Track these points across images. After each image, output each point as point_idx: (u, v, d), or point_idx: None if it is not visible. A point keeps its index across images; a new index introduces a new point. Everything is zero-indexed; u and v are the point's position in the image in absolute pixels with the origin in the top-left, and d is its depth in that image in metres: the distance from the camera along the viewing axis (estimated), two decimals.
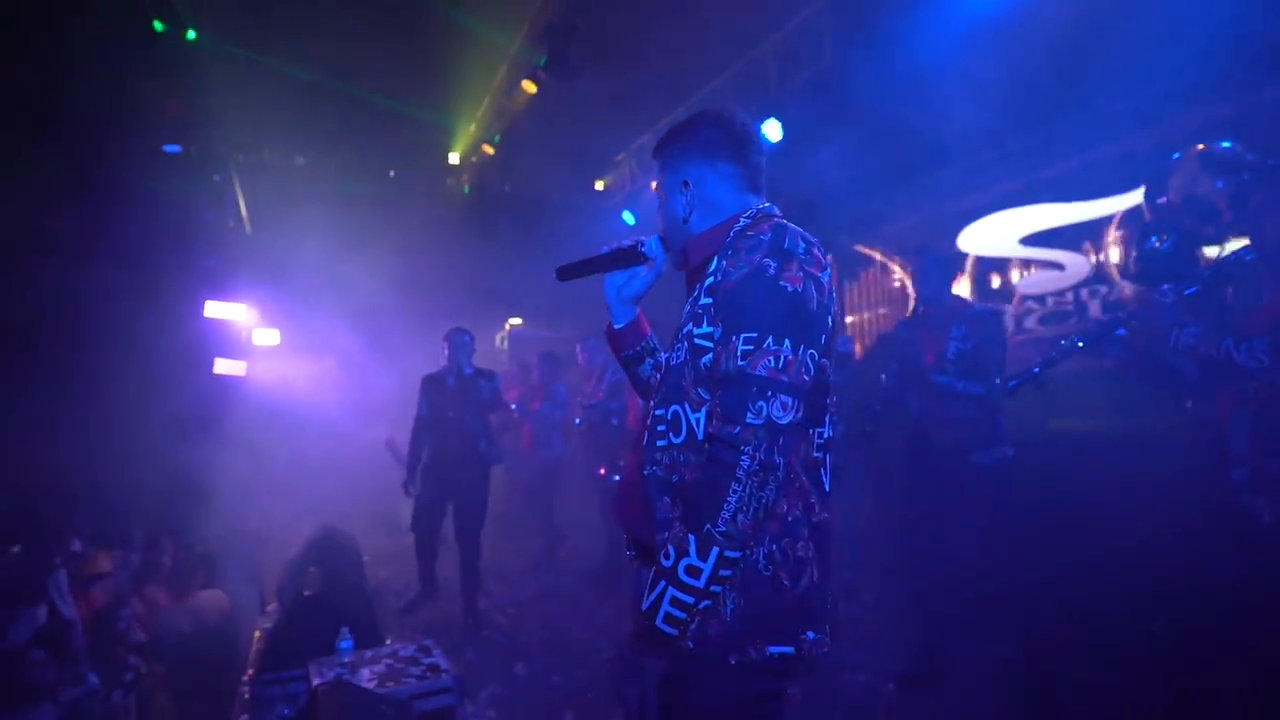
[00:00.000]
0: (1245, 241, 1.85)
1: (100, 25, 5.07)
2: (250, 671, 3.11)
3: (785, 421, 1.00)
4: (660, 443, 1.13)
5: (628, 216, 9.14)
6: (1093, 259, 6.29)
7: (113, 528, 5.13)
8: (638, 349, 1.39)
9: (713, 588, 0.99)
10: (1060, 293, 6.51)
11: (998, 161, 7.11)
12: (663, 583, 1.00)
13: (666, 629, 1.00)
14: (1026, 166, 6.90)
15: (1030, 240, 6.97)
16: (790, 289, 1.04)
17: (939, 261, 2.98)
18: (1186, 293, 1.89)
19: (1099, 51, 5.61)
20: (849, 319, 9.16)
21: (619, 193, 9.32)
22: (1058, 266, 6.65)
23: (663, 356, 1.25)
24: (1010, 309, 7.18)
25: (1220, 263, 1.91)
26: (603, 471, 4.69)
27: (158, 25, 5.29)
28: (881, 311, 8.79)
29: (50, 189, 5.83)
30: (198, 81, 6.22)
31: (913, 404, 2.91)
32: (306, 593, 3.24)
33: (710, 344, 1.08)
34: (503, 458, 4.37)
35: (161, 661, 3.74)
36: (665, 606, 0.99)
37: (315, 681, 2.34)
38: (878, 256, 8.90)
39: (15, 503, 5.71)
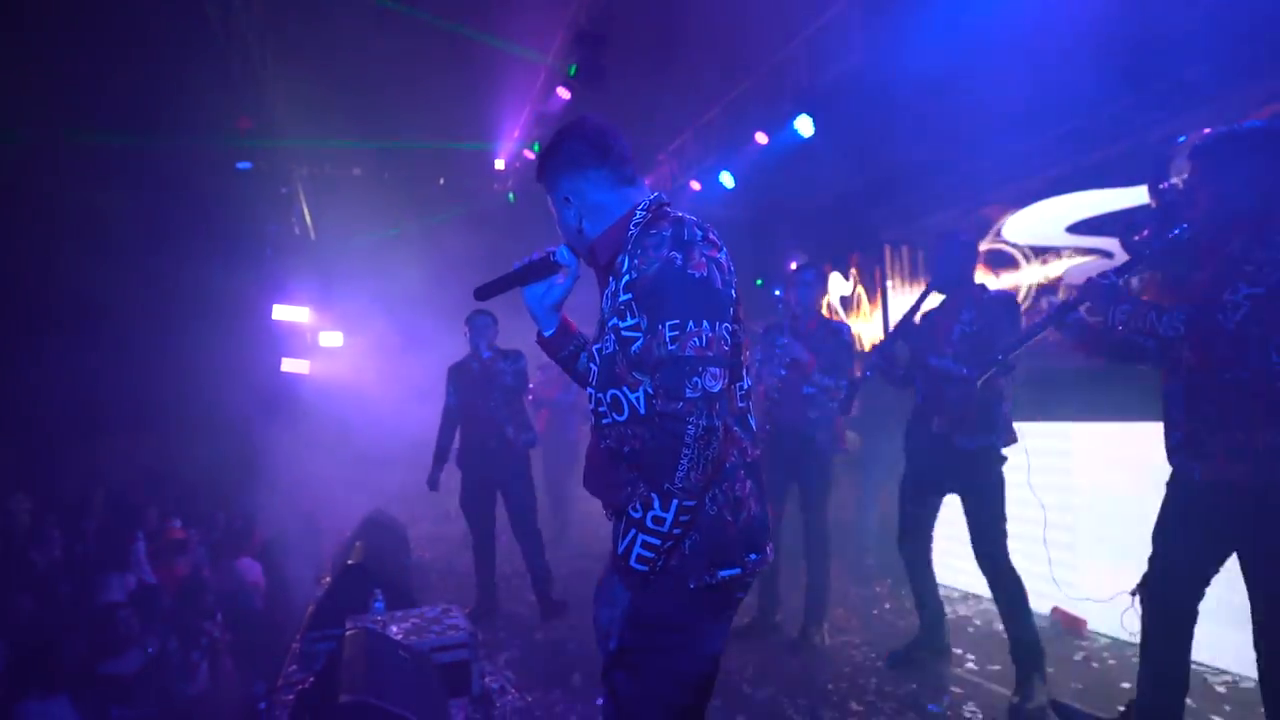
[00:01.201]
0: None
1: (183, 60, 5.59)
2: (301, 631, 3.46)
3: (716, 389, 1.17)
4: (605, 421, 1.32)
5: None
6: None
7: (191, 507, 5.68)
8: (571, 349, 1.51)
9: (674, 531, 1.18)
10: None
11: (1040, 149, 6.95)
12: (633, 531, 1.19)
13: (638, 567, 1.19)
14: (1071, 152, 6.73)
15: (1077, 228, 6.78)
16: (697, 275, 1.19)
17: (962, 244, 2.88)
18: (1121, 273, 2.00)
19: (1147, 27, 5.44)
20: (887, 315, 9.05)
21: (660, 191, 9.53)
22: (1106, 254, 6.46)
23: (594, 347, 1.36)
24: (1055, 299, 7.00)
25: (1158, 243, 1.98)
26: None
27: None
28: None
29: (145, 207, 6.48)
30: (268, 104, 6.75)
31: (918, 389, 2.94)
32: (350, 562, 3.56)
33: (637, 334, 1.23)
34: (536, 441, 4.13)
35: (230, 628, 4.16)
36: (637, 549, 1.19)
37: (348, 629, 2.63)
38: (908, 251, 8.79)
39: (103, 482, 6.36)
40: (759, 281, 9.06)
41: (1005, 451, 2.73)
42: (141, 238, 6.57)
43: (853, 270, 9.84)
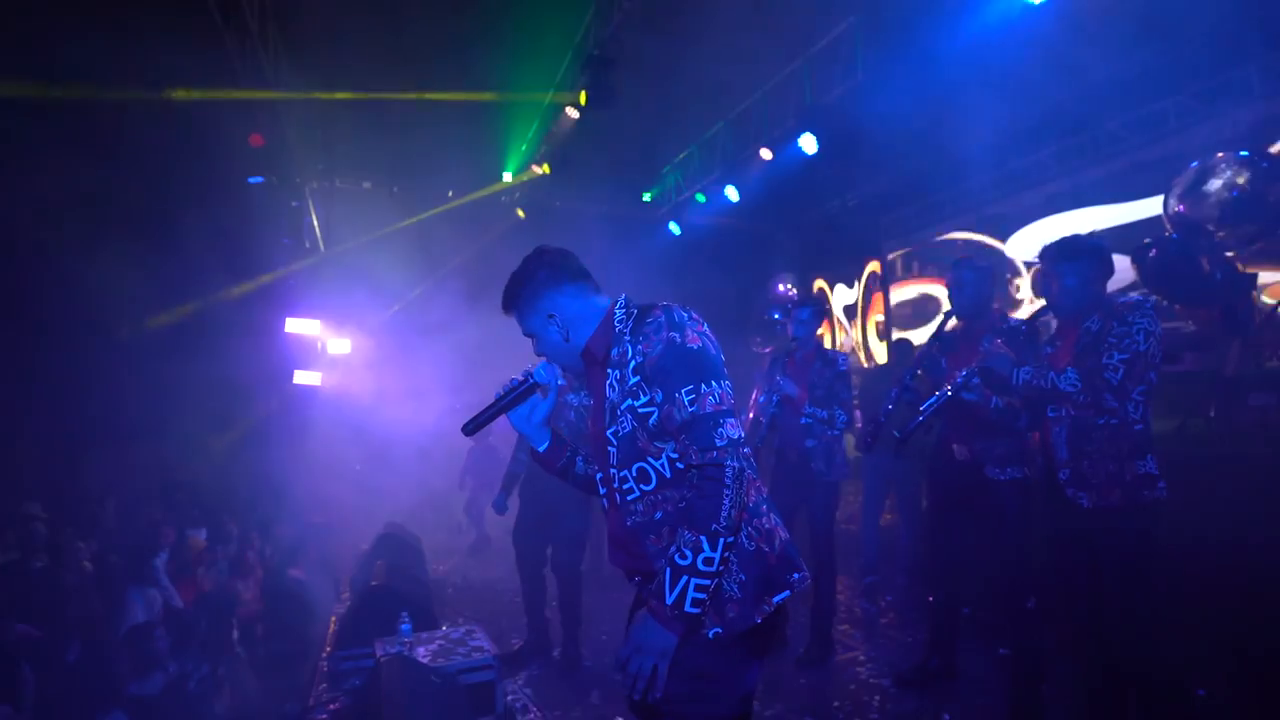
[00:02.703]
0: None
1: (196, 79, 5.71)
2: (327, 649, 3.59)
3: (738, 436, 1.35)
4: (631, 496, 1.44)
5: (674, 227, 9.46)
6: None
7: (207, 518, 5.80)
8: (567, 457, 1.66)
9: (719, 570, 1.32)
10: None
11: (1038, 165, 7.09)
12: (685, 578, 1.30)
13: (693, 610, 1.30)
14: (1072, 169, 6.86)
15: None
16: (694, 347, 1.38)
17: (978, 272, 2.87)
18: (1001, 338, 2.63)
19: (1144, 46, 5.55)
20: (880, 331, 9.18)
21: (666, 204, 9.65)
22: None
23: (608, 431, 1.46)
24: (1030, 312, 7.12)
25: (1028, 321, 2.65)
26: None
27: None
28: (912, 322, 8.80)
29: (159, 221, 6.59)
30: (278, 118, 6.87)
31: (939, 420, 3.00)
32: (373, 583, 3.69)
33: (652, 408, 1.40)
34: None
35: (253, 644, 4.28)
36: (691, 594, 1.30)
37: (379, 654, 2.76)
38: (901, 264, 8.90)
39: (117, 493, 6.47)
40: (776, 315, 9.23)
41: None
42: (156, 253, 6.69)
43: (856, 280, 9.98)
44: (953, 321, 2.92)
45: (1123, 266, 6.33)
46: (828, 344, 8.07)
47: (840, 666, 3.34)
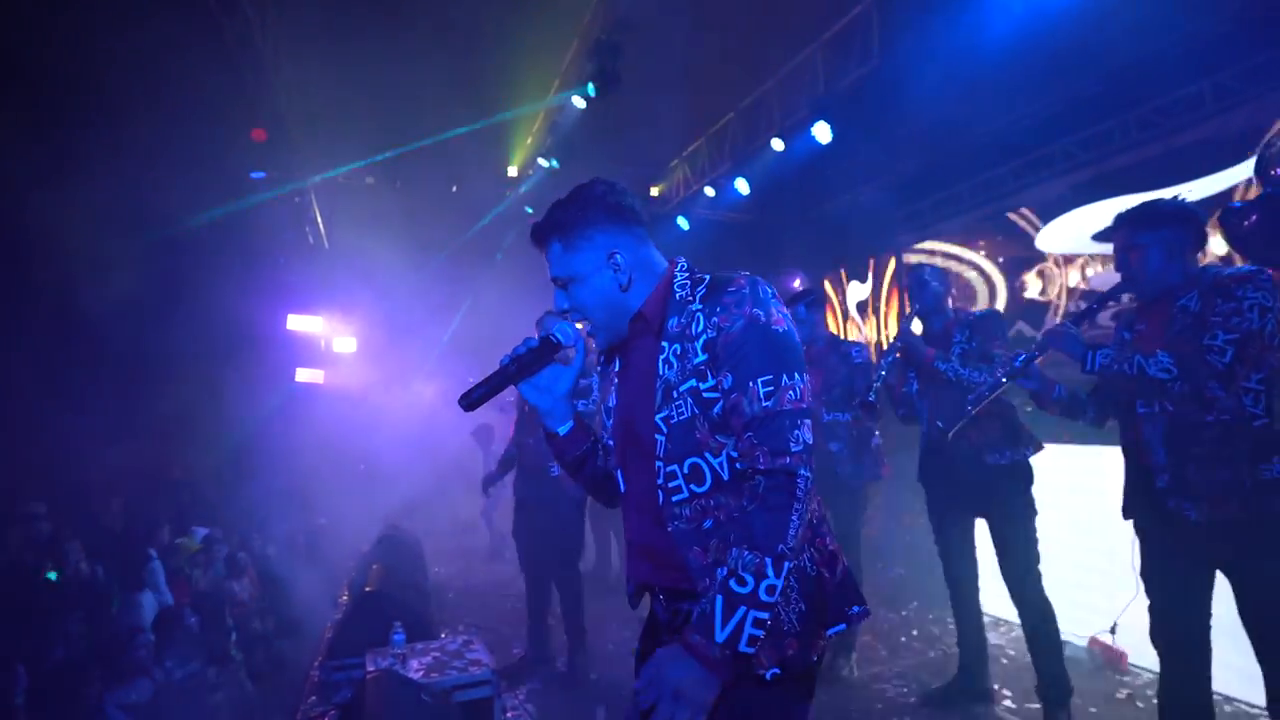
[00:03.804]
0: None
1: (197, 70, 5.58)
2: (320, 658, 3.42)
3: (812, 441, 1.14)
4: (678, 497, 1.19)
5: (682, 222, 9.24)
6: None
7: (206, 518, 5.66)
8: (587, 447, 1.37)
9: (780, 599, 1.09)
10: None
11: (1062, 153, 6.82)
12: (742, 608, 1.05)
13: (749, 650, 1.06)
14: (1097, 156, 6.59)
15: (1102, 236, 6.65)
16: (780, 330, 1.15)
17: (931, 273, 2.88)
18: (1079, 321, 2.20)
19: (1178, 25, 5.30)
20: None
21: (674, 199, 9.44)
22: None
23: (658, 416, 1.20)
24: (1067, 305, 6.86)
25: (1100, 295, 2.18)
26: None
27: None
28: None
29: (160, 217, 6.48)
30: (279, 112, 6.73)
31: (923, 414, 2.86)
32: (368, 589, 3.52)
33: (717, 394, 1.16)
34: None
35: (246, 649, 4.13)
36: (748, 629, 1.05)
37: (368, 669, 2.58)
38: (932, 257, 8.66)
39: (113, 499, 6.36)
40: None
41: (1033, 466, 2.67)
42: (157, 249, 6.58)
43: (869, 275, 9.73)
44: (917, 324, 2.87)
45: None
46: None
47: (863, 683, 3.13)
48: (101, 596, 4.34)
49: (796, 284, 8.09)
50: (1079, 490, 3.51)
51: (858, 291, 10.03)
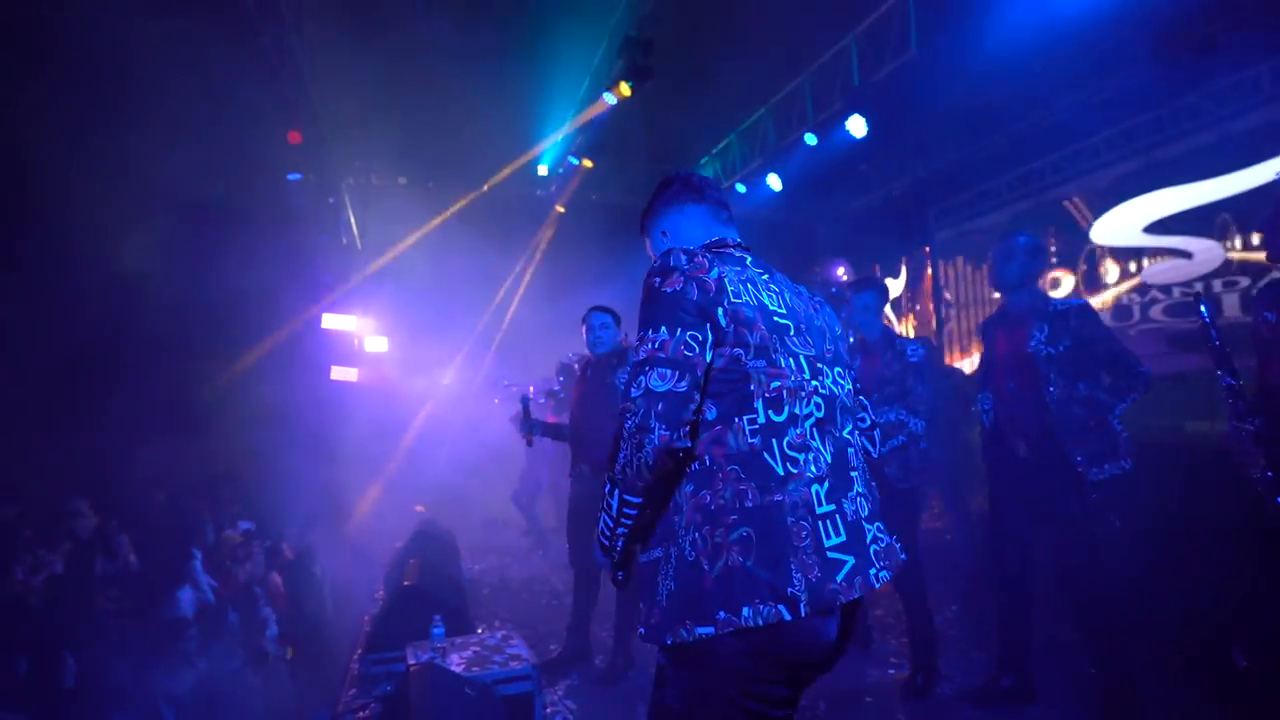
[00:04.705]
0: None
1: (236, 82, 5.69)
2: (359, 651, 3.44)
3: (662, 389, 1.15)
4: None
5: None
6: (1228, 244, 5.72)
7: (247, 514, 5.76)
8: None
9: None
10: (1188, 283, 5.98)
11: (1107, 144, 6.61)
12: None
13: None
14: (1146, 146, 6.37)
15: (1154, 228, 6.42)
16: (670, 290, 1.22)
17: (1024, 247, 2.64)
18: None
19: (1229, 10, 5.08)
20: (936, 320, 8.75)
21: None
22: (1184, 254, 6.08)
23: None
24: (1114, 297, 6.64)
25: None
26: None
27: None
28: (971, 311, 8.36)
29: (199, 219, 6.61)
30: (315, 114, 6.83)
31: (987, 408, 2.74)
32: (406, 583, 3.52)
33: None
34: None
35: (284, 642, 4.17)
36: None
37: (410, 662, 2.58)
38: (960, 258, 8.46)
39: (157, 493, 6.49)
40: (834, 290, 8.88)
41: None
42: (199, 252, 6.72)
43: (903, 272, 9.55)
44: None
45: (1203, 248, 5.86)
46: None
47: (899, 683, 3.03)
48: (147, 588, 4.45)
49: (840, 272, 7.97)
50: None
51: (892, 289, 9.87)
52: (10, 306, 6.59)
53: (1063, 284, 7.18)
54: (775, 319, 1.26)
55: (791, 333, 1.27)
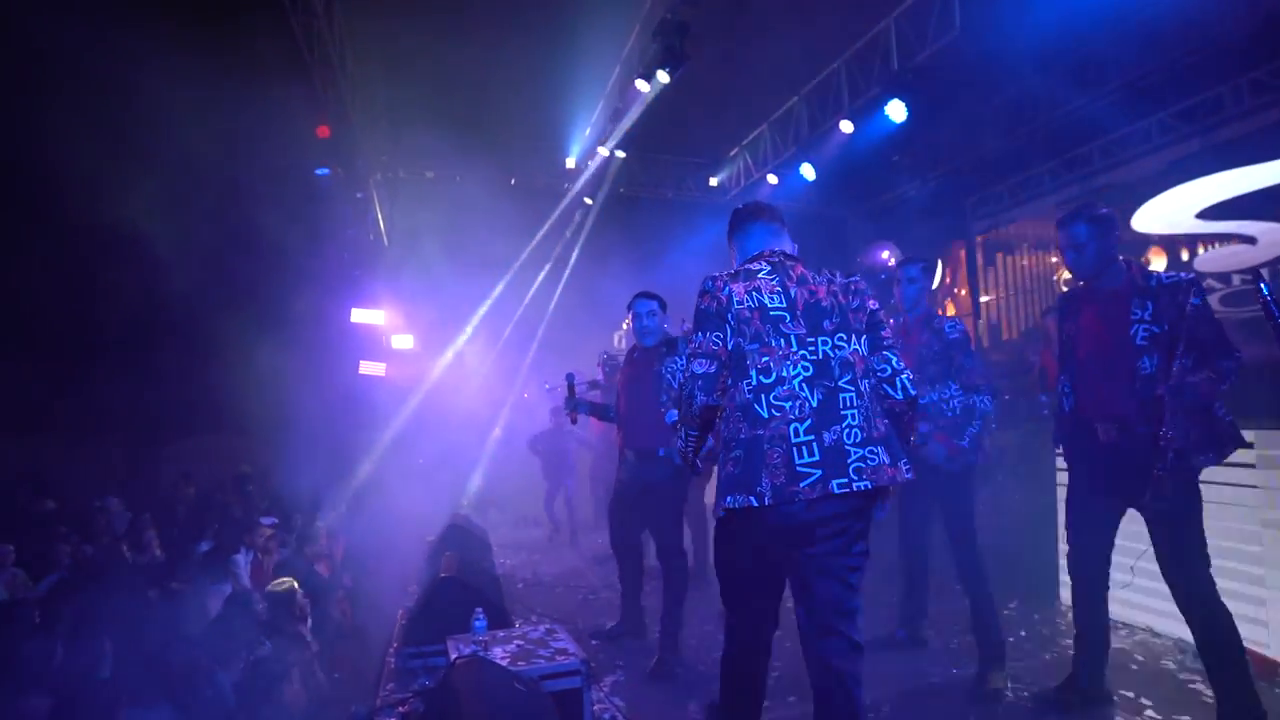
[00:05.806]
0: None
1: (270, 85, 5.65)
2: (395, 645, 3.33)
3: (700, 371, 1.79)
4: None
5: None
6: None
7: (275, 509, 5.72)
8: None
9: (689, 445, 1.87)
10: (1253, 270, 5.66)
11: (1158, 128, 6.33)
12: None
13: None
14: (1194, 132, 6.08)
15: (1209, 213, 6.10)
16: (701, 306, 1.84)
17: (1096, 223, 2.36)
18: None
19: None
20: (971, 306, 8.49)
21: (734, 188, 9.21)
22: (1248, 239, 5.76)
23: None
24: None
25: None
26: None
27: None
28: (1007, 296, 8.10)
29: (230, 214, 6.61)
30: (344, 108, 6.79)
31: (1069, 385, 2.52)
32: (443, 575, 3.42)
33: None
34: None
35: (317, 636, 4.10)
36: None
37: (454, 655, 2.46)
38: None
39: (198, 485, 6.48)
40: (883, 276, 8.66)
41: None
42: (231, 249, 6.72)
43: (941, 263, 9.30)
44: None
45: (1263, 229, 5.55)
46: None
47: (962, 681, 2.85)
48: (174, 578, 4.43)
49: (885, 255, 7.75)
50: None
51: None
52: (46, 313, 6.66)
53: None
54: (771, 312, 1.77)
55: (787, 319, 1.77)
